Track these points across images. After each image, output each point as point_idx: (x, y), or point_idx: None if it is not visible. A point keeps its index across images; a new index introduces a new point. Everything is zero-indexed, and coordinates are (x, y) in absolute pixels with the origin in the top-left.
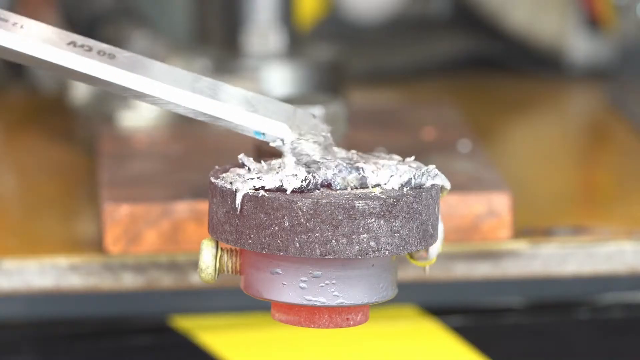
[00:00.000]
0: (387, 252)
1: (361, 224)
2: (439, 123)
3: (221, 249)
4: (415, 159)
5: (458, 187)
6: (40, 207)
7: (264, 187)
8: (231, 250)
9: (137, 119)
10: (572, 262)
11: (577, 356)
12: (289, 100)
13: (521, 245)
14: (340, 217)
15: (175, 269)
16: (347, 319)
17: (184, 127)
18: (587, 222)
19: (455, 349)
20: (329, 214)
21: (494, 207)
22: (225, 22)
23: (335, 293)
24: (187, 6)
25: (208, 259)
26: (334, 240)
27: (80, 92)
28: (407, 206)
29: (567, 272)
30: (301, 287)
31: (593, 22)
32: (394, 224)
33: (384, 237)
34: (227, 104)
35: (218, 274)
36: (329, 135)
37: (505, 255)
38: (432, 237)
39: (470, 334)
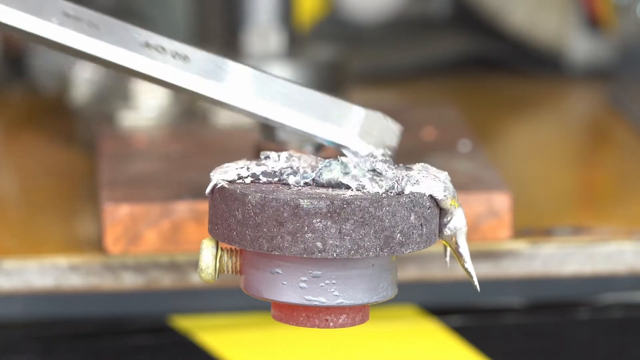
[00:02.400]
0: (335, 254)
1: (306, 223)
2: (439, 123)
3: (221, 249)
4: (415, 159)
5: (458, 187)
6: (40, 207)
7: (242, 176)
8: (231, 250)
9: (137, 119)
10: (572, 262)
11: (577, 356)
12: None
13: (521, 245)
14: (285, 214)
15: (175, 269)
16: (326, 320)
17: (184, 127)
18: (587, 222)
19: (455, 349)
20: (275, 210)
21: (494, 207)
22: (225, 22)
23: (335, 293)
24: (187, 6)
25: (208, 259)
26: (279, 237)
27: (80, 92)
28: (361, 210)
29: (567, 272)
30: (301, 287)
31: (593, 22)
32: (343, 226)
33: (331, 238)
34: (299, 112)
35: (218, 274)
36: (395, 140)
37: (505, 255)
38: (402, 245)
39: (470, 334)
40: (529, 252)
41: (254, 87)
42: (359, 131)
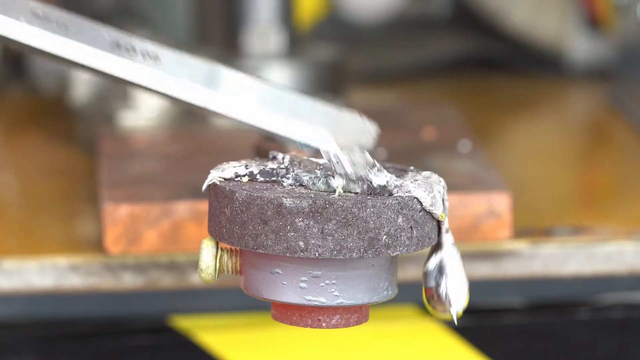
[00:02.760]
0: (317, 254)
1: (288, 222)
2: (439, 123)
3: (221, 249)
4: (415, 159)
5: (458, 187)
6: (40, 207)
7: (239, 174)
8: (231, 250)
9: (137, 119)
10: (572, 262)
11: (577, 356)
12: None
13: (521, 245)
14: (269, 213)
15: (175, 269)
16: (319, 320)
17: (184, 127)
18: (587, 222)
19: (455, 349)
20: (259, 208)
21: (494, 207)
22: (225, 22)
23: (336, 293)
24: (187, 6)
25: (208, 259)
26: (263, 235)
27: (80, 92)
28: (344, 210)
29: (567, 272)
30: (301, 287)
31: (593, 22)
32: (326, 226)
33: (313, 238)
34: (267, 111)
35: (218, 274)
36: (371, 141)
37: (505, 255)
38: (389, 247)
39: (470, 334)
40: (529, 252)
41: (224, 86)
42: (330, 130)
